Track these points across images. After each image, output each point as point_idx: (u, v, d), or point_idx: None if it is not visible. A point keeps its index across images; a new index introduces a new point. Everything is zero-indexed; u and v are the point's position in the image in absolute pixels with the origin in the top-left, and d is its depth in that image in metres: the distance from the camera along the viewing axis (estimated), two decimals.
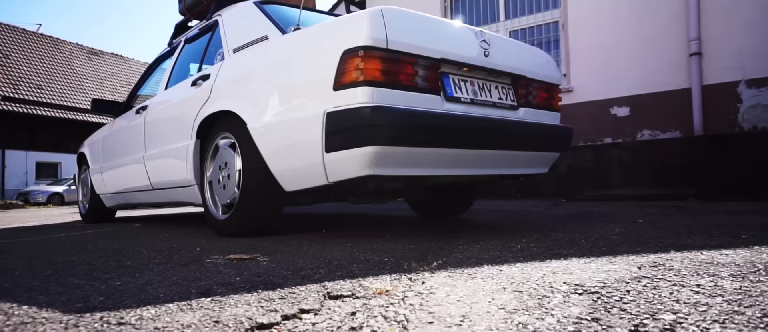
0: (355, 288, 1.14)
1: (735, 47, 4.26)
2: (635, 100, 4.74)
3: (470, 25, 2.18)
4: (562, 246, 1.76)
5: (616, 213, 2.97)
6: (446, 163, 2.04)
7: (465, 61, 2.05)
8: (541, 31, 5.34)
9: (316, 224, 2.92)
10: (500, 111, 2.20)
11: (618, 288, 1.09)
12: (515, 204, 4.07)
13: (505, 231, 2.27)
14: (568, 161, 4.82)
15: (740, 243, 1.68)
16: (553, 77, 2.45)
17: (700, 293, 1.03)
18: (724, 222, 2.28)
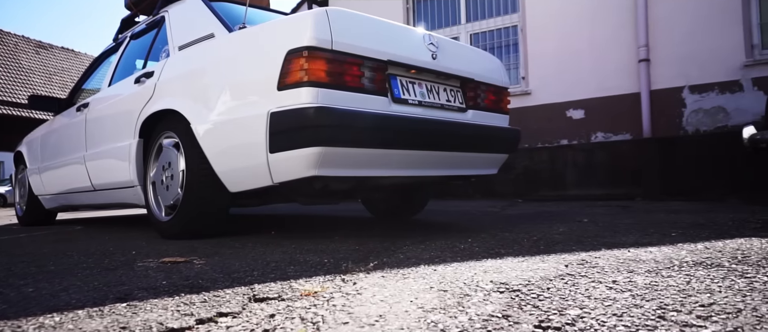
0: (284, 290, 1.13)
1: (679, 55, 4.47)
2: (589, 103, 4.90)
3: (419, 28, 2.20)
4: (504, 245, 1.80)
5: (566, 213, 3.07)
6: (394, 164, 2.05)
7: (413, 64, 2.07)
8: (500, 34, 5.45)
9: (269, 225, 2.88)
10: (449, 113, 2.23)
11: (540, 285, 1.13)
12: (472, 205, 4.14)
13: (454, 231, 2.30)
14: (525, 162, 4.94)
15: (668, 240, 1.77)
16: (501, 80, 2.51)
17: (612, 288, 1.07)
18: (660, 221, 2.39)
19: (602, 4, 4.80)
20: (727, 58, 4.29)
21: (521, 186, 4.91)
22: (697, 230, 2.01)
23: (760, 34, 4.25)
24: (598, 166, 4.60)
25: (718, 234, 1.86)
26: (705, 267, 1.28)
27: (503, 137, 2.46)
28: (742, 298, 0.95)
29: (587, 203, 3.81)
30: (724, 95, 4.34)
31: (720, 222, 2.25)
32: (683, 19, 4.45)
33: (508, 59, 5.44)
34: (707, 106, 4.42)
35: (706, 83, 4.40)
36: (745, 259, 1.36)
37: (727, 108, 4.33)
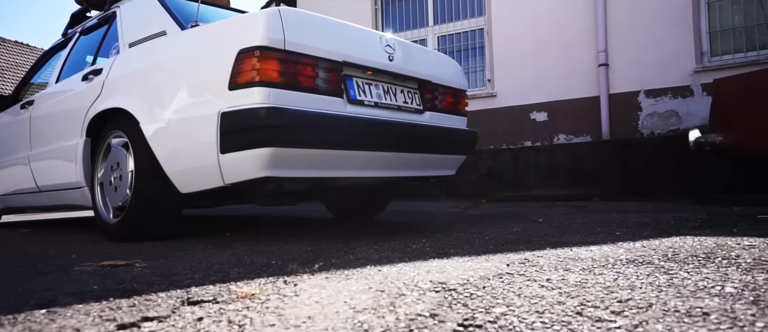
0: (221, 292, 1.12)
1: (635, 60, 4.64)
2: (552, 105, 5.03)
3: (376, 30, 2.21)
4: (455, 245, 1.83)
5: (524, 213, 3.14)
6: (350, 165, 2.06)
7: (369, 65, 2.08)
8: (467, 37, 5.53)
9: (227, 226, 2.84)
10: (406, 114, 2.25)
11: (477, 284, 1.15)
12: (436, 205, 4.19)
13: (411, 231, 2.32)
14: (490, 163, 5.03)
15: (611, 239, 1.83)
16: (459, 83, 2.55)
17: (544, 287, 1.11)
18: (610, 221, 2.48)
19: (564, 9, 4.93)
20: (679, 64, 4.49)
21: (485, 186, 5.00)
22: (640, 229, 2.09)
23: (709, 42, 4.45)
24: (559, 167, 4.72)
25: (658, 233, 1.94)
26: (636, 264, 1.33)
27: (461, 139, 2.49)
28: (657, 294, 1.00)
29: (547, 203, 3.91)
30: (677, 99, 4.53)
31: (663, 221, 2.35)
32: (639, 26, 4.62)
33: (474, 62, 5.52)
34: (661, 110, 4.60)
35: (660, 88, 4.58)
36: (674, 257, 1.42)
37: (679, 112, 4.53)
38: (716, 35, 4.46)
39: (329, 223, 2.89)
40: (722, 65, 4.31)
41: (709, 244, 1.62)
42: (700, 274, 1.18)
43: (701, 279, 1.13)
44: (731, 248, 1.53)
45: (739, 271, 1.20)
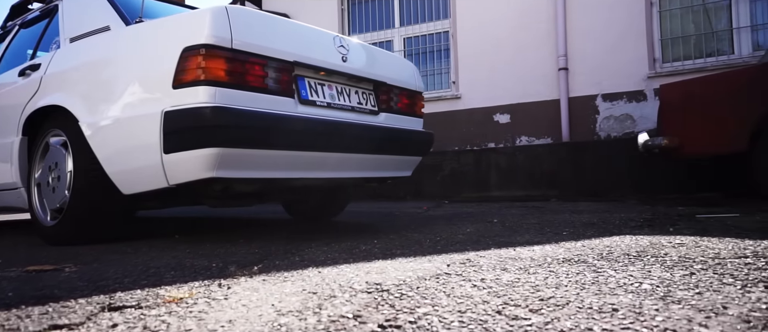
0: (147, 297, 1.09)
1: (593, 65, 4.79)
2: (515, 108, 5.13)
3: (329, 31, 2.20)
4: (405, 246, 1.84)
5: (481, 214, 3.19)
6: (303, 166, 2.04)
7: (321, 66, 2.07)
8: (432, 39, 5.58)
9: (180, 227, 2.77)
10: (359, 115, 2.25)
11: (411, 285, 1.16)
12: (399, 206, 4.20)
13: (366, 232, 2.32)
14: (453, 164, 5.09)
15: (556, 239, 1.88)
16: (415, 85, 2.56)
17: (476, 286, 1.12)
18: (561, 221, 2.54)
19: (527, 14, 5.04)
20: (633, 70, 4.65)
21: (449, 187, 5.05)
22: (586, 229, 2.16)
23: (661, 49, 4.64)
24: (520, 169, 4.82)
25: (601, 233, 2.00)
26: (570, 263, 1.37)
27: (416, 140, 2.51)
28: (578, 291, 1.03)
29: (507, 204, 3.99)
30: (631, 104, 4.70)
31: (610, 221, 2.43)
32: (597, 33, 4.77)
33: (440, 64, 5.58)
34: (617, 114, 4.76)
35: (616, 92, 4.74)
36: (608, 255, 1.47)
37: (633, 115, 4.69)
38: (668, 43, 4.65)
39: (286, 225, 2.86)
40: (673, 71, 4.50)
41: (644, 243, 1.68)
42: (625, 272, 1.22)
43: (625, 276, 1.17)
44: (663, 246, 1.60)
45: (661, 268, 1.25)
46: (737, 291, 1.00)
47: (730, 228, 1.95)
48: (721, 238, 1.70)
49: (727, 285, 1.05)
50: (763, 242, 1.57)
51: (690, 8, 4.57)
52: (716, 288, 1.02)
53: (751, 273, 1.16)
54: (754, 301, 0.91)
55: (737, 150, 2.78)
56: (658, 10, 4.65)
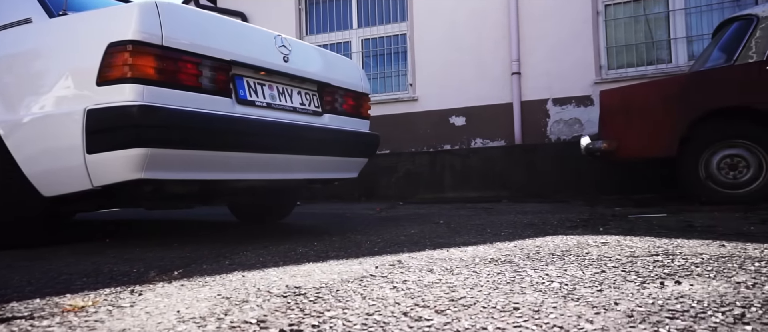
0: (44, 306, 1.03)
1: (544, 70, 4.94)
2: (470, 111, 5.22)
3: (270, 30, 2.17)
4: (343, 248, 1.83)
5: (431, 215, 3.22)
6: (242, 167, 2.00)
7: (261, 65, 2.04)
8: (390, 41, 5.61)
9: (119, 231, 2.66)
10: (302, 116, 2.22)
11: (332, 288, 1.15)
12: (352, 207, 4.20)
13: (310, 234, 2.30)
14: (408, 166, 5.13)
15: (493, 240, 1.92)
16: (361, 86, 2.56)
17: (395, 288, 1.13)
18: (504, 222, 2.60)
19: (481, 19, 5.15)
20: (581, 76, 4.83)
21: (404, 189, 5.09)
22: (524, 229, 2.22)
23: (606, 57, 4.84)
24: (473, 170, 4.92)
25: (537, 233, 2.06)
26: (496, 263, 1.40)
27: (362, 142, 2.51)
28: (490, 291, 1.06)
29: (459, 205, 4.05)
30: (580, 108, 4.88)
31: (549, 221, 2.51)
32: (548, 39, 4.92)
33: (398, 66, 5.61)
34: (566, 118, 4.93)
35: (565, 97, 4.91)
36: (535, 255, 1.52)
37: (581, 119, 4.87)
38: (613, 50, 4.86)
39: (231, 227, 2.79)
40: (617, 78, 4.70)
41: (571, 243, 1.74)
42: (543, 271, 1.26)
43: (540, 275, 1.21)
44: (587, 246, 1.66)
45: (578, 267, 1.29)
46: (635, 287, 1.05)
47: (654, 227, 2.05)
48: (642, 237, 1.79)
49: (629, 281, 1.10)
50: (677, 240, 1.66)
51: (633, 18, 4.80)
52: (618, 285, 1.07)
53: (655, 269, 1.22)
54: (645, 297, 0.96)
55: (668, 154, 2.94)
56: (603, 19, 4.86)
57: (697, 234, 1.79)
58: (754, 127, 2.76)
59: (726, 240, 1.61)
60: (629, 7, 4.80)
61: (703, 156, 2.88)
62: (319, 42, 5.84)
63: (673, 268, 1.23)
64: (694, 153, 2.87)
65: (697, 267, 1.23)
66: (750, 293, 0.95)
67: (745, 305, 0.87)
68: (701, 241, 1.61)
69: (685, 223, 2.12)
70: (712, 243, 1.55)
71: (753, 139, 2.76)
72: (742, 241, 1.57)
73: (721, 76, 2.82)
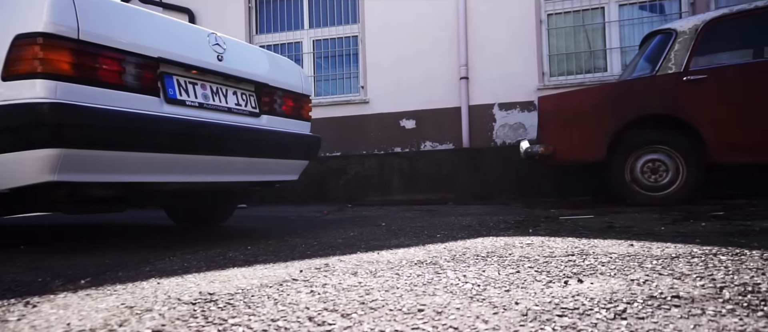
0: None
1: (491, 75, 5.09)
2: (420, 114, 5.29)
3: (204, 28, 2.10)
4: (275, 252, 1.80)
5: (375, 218, 3.23)
6: (171, 169, 1.92)
7: (192, 63, 1.97)
8: (342, 43, 5.59)
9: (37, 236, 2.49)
10: (238, 117, 2.17)
11: (247, 293, 1.13)
12: (299, 210, 4.15)
13: (246, 238, 2.25)
14: (357, 168, 5.13)
15: (427, 241, 1.95)
16: (302, 88, 2.54)
17: (312, 293, 1.12)
18: (443, 224, 2.65)
19: (432, 24, 5.23)
20: (525, 82, 5.01)
21: (354, 191, 5.08)
22: (460, 231, 2.27)
23: (548, 64, 5.05)
24: (421, 173, 4.99)
25: (471, 234, 2.11)
26: (421, 265, 1.43)
27: (302, 144, 2.48)
28: (402, 294, 1.07)
29: (406, 207, 4.09)
30: (524, 113, 5.05)
31: (486, 223, 2.58)
32: (494, 45, 5.08)
33: (349, 68, 5.61)
34: (511, 122, 5.10)
35: (510, 102, 5.08)
36: (461, 257, 1.55)
37: (525, 124, 5.05)
38: (554, 58, 5.07)
39: (166, 231, 2.68)
40: (558, 84, 4.92)
41: (499, 244, 1.80)
42: (462, 272, 1.29)
43: (458, 276, 1.24)
44: (513, 246, 1.72)
45: (496, 268, 1.34)
46: (541, 286, 1.09)
47: (579, 228, 2.16)
48: (565, 238, 1.87)
49: (538, 281, 1.15)
50: (594, 241, 1.75)
51: (573, 28, 5.03)
52: (526, 285, 1.11)
53: (566, 269, 1.28)
54: (546, 296, 1.00)
55: (598, 159, 3.10)
56: (546, 28, 5.06)
57: (615, 234, 1.90)
58: (673, 134, 2.96)
59: (636, 240, 1.72)
60: (569, 18, 5.03)
61: (628, 160, 3.06)
62: (269, 42, 5.74)
63: (582, 268, 1.29)
64: (621, 157, 3.05)
65: (604, 265, 1.30)
66: (639, 290, 1.01)
67: (630, 301, 0.93)
68: (615, 241, 1.71)
69: (606, 224, 2.24)
70: (623, 243, 1.65)
71: (672, 145, 2.96)
72: (650, 241, 1.68)
73: (644, 85, 3.01)
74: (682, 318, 0.81)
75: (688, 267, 1.22)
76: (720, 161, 2.85)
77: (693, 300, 0.91)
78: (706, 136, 2.85)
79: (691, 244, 1.56)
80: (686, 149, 2.93)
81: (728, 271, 1.15)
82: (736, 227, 1.91)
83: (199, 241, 2.18)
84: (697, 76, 2.89)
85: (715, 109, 2.83)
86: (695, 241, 1.62)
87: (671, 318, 0.81)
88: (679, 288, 1.01)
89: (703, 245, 1.54)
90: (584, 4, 4.97)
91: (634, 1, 4.85)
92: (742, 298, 0.91)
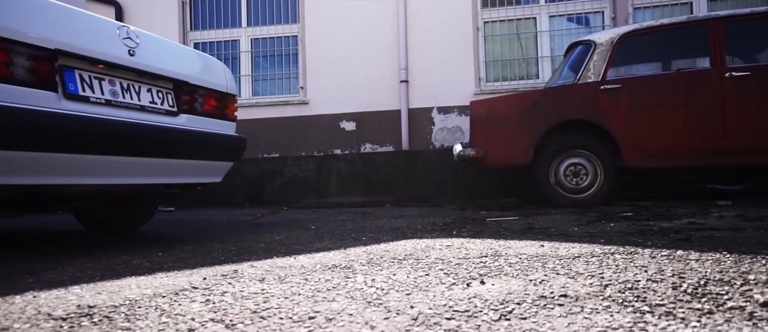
0: None
1: (430, 79, 5.17)
2: (360, 116, 5.28)
3: (115, 20, 1.96)
4: (186, 258, 1.70)
5: (306, 221, 3.17)
6: (69, 171, 1.77)
7: (98, 57, 1.83)
8: (281, 42, 5.47)
9: None
10: (152, 116, 2.04)
11: (133, 305, 1.05)
12: (231, 213, 3.99)
13: (163, 243, 2.12)
14: (294, 170, 5.04)
15: (350, 245, 1.92)
16: (226, 86, 2.44)
17: (208, 302, 1.06)
18: (373, 227, 2.64)
19: (373, 26, 5.24)
20: (463, 86, 5.14)
21: (290, 193, 4.98)
22: (387, 234, 2.26)
23: (485, 70, 5.21)
24: (359, 175, 4.97)
25: (396, 237, 2.11)
26: (334, 270, 1.40)
27: (225, 145, 2.38)
28: (301, 301, 1.03)
29: (342, 210, 4.06)
30: (461, 117, 5.18)
31: (415, 225, 2.60)
32: (433, 49, 5.17)
33: (289, 68, 5.49)
34: (449, 126, 5.21)
35: (448, 106, 5.18)
36: (377, 260, 1.54)
37: (463, 127, 5.18)
38: (491, 64, 5.24)
39: (74, 237, 2.48)
40: (494, 90, 5.08)
41: (420, 246, 1.81)
42: (372, 276, 1.28)
43: (365, 280, 1.22)
44: (433, 249, 1.73)
45: (409, 271, 1.33)
46: (444, 289, 1.10)
47: (501, 230, 2.22)
48: (485, 239, 1.91)
49: (442, 284, 1.15)
50: (511, 242, 1.80)
51: (507, 36, 5.23)
52: (430, 288, 1.11)
53: (474, 271, 1.30)
54: (444, 298, 1.00)
55: (525, 162, 3.23)
56: (483, 35, 5.23)
57: (532, 235, 1.97)
58: (592, 139, 3.14)
59: (548, 240, 1.79)
60: (505, 26, 5.23)
61: (553, 164, 3.20)
62: (205, 39, 5.51)
63: (490, 269, 1.32)
64: (546, 161, 3.19)
65: (511, 267, 1.34)
66: (533, 290, 1.04)
67: (520, 301, 0.95)
68: (529, 242, 1.77)
69: (527, 226, 2.32)
70: (535, 244, 1.71)
71: (591, 149, 3.14)
72: (561, 241, 1.75)
73: (567, 93, 3.17)
74: (561, 316, 0.83)
75: (585, 266, 1.28)
76: (632, 165, 3.05)
77: (577, 299, 0.95)
78: (621, 142, 3.05)
79: (595, 244, 1.65)
80: (603, 154, 3.11)
81: (618, 269, 1.21)
82: (638, 227, 2.04)
83: (107, 248, 2.02)
84: (613, 86, 3.08)
85: (628, 117, 3.04)
86: (599, 241, 1.71)
87: (551, 316, 0.84)
88: (569, 288, 1.05)
89: (605, 245, 1.63)
90: (518, 13, 5.18)
91: (563, 13, 5.12)
92: (621, 295, 0.96)
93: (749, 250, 1.37)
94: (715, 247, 1.45)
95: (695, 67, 3.44)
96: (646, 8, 4.97)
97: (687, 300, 0.90)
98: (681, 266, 1.20)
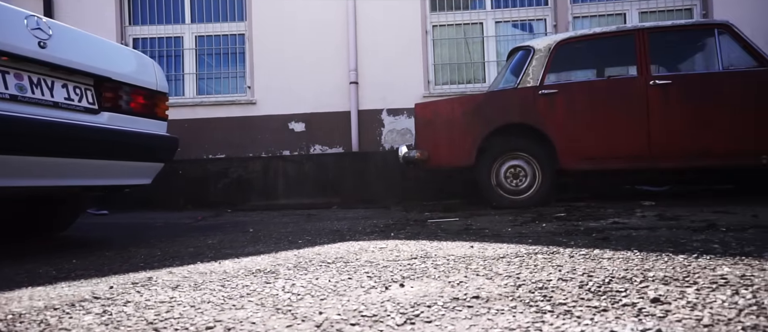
0: None
1: (380, 81, 5.17)
2: (310, 117, 5.20)
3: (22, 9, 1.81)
4: (101, 266, 1.59)
5: (246, 223, 3.07)
6: None
7: (2, 49, 1.68)
8: (227, 40, 5.30)
9: None
10: (68, 113, 1.90)
11: (15, 320, 0.95)
12: (170, 216, 3.81)
13: (83, 249, 1.97)
14: (240, 171, 4.89)
15: (284, 248, 1.87)
16: (155, 83, 2.31)
17: (104, 313, 0.98)
18: (314, 229, 2.59)
19: (322, 26, 5.18)
20: (412, 89, 5.18)
21: (235, 195, 4.83)
22: (325, 237, 2.22)
23: (433, 73, 5.28)
24: (307, 177, 4.90)
25: (333, 240, 2.08)
26: (257, 275, 1.34)
27: (154, 145, 2.26)
28: (207, 309, 0.98)
29: (288, 212, 3.97)
30: (411, 119, 5.21)
31: (356, 228, 2.57)
32: (383, 52, 5.17)
33: (235, 67, 5.33)
34: (399, 127, 5.23)
35: (398, 108, 5.21)
36: (306, 264, 1.50)
37: (412, 130, 5.21)
38: (439, 67, 5.32)
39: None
40: (442, 93, 5.15)
41: (353, 249, 1.78)
42: (293, 281, 1.23)
43: (285, 286, 1.18)
44: (365, 251, 1.71)
45: (333, 274, 1.30)
46: (361, 292, 1.08)
47: (439, 231, 2.24)
48: (420, 241, 1.92)
49: (361, 287, 1.13)
50: (443, 243, 1.82)
51: (455, 40, 5.33)
52: (347, 292, 1.09)
53: (399, 273, 1.29)
54: (358, 303, 0.98)
55: (468, 164, 3.28)
56: (432, 38, 5.29)
57: (466, 236, 1.99)
58: (531, 142, 3.24)
59: (480, 241, 1.81)
60: (452, 30, 5.32)
61: (494, 166, 3.28)
62: (145, 35, 5.25)
63: (415, 271, 1.31)
64: (487, 163, 3.26)
65: (436, 268, 1.34)
66: (449, 291, 1.04)
67: (431, 304, 0.94)
68: (461, 243, 1.79)
69: (465, 227, 2.35)
70: (466, 245, 1.72)
71: (529, 152, 3.24)
72: (491, 242, 1.78)
73: (508, 96, 3.26)
74: (466, 318, 0.83)
75: (506, 267, 1.30)
76: (568, 168, 3.17)
77: (488, 300, 0.95)
78: (557, 145, 3.16)
79: (522, 245, 1.69)
80: (541, 156, 3.21)
81: (535, 269, 1.24)
82: (567, 227, 2.11)
83: (17, 256, 1.86)
84: (550, 91, 3.19)
85: (564, 121, 3.16)
86: (528, 242, 1.76)
87: (456, 319, 0.83)
88: (483, 289, 1.05)
89: (531, 245, 1.67)
90: (466, 18, 5.28)
91: (508, 19, 5.27)
92: (530, 295, 0.97)
93: (657, 248, 1.44)
94: (629, 246, 1.52)
95: (626, 74, 3.64)
96: (584, 18, 5.21)
97: (588, 298, 0.92)
98: (593, 265, 1.25)
